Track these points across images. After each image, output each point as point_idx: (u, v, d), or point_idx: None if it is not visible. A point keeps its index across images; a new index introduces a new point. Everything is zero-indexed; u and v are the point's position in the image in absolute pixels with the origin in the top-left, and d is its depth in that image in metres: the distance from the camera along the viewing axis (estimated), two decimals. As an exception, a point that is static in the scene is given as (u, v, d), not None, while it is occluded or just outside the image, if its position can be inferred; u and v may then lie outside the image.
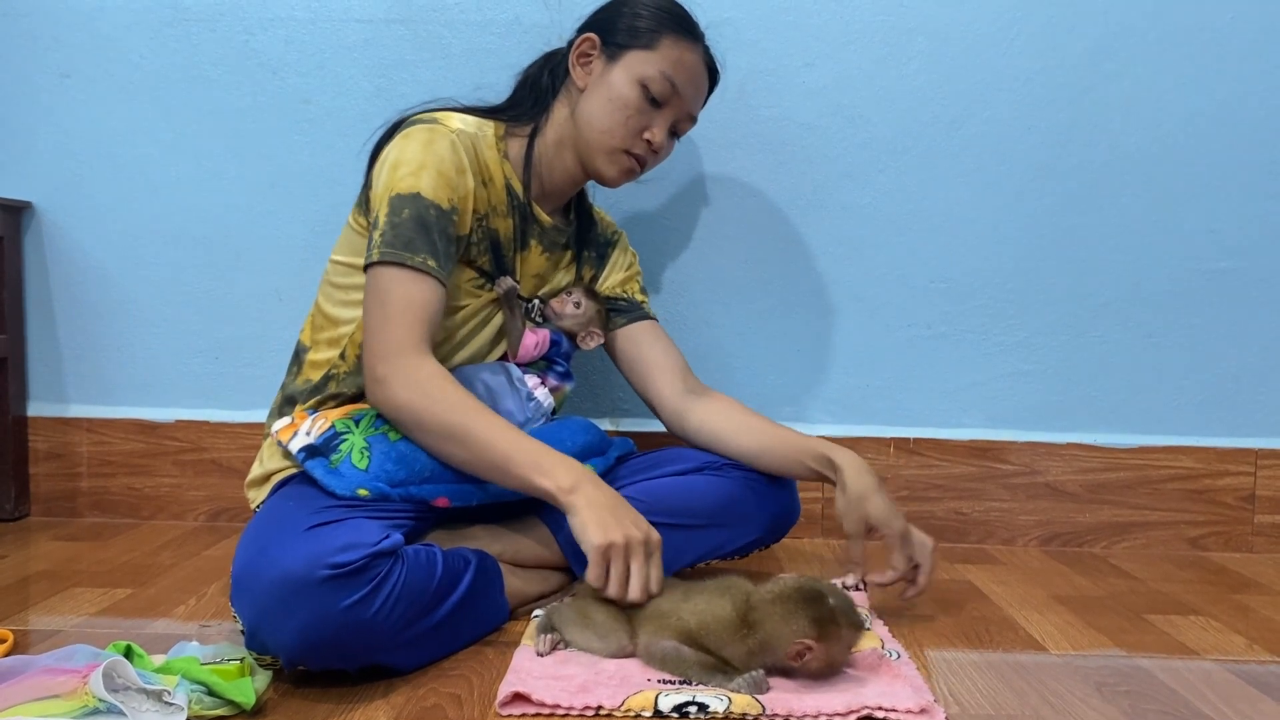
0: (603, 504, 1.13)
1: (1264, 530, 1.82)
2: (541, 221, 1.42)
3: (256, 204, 1.80)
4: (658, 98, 1.35)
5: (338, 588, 1.00)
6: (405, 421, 1.21)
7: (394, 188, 1.25)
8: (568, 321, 1.47)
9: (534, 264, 1.44)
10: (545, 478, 1.15)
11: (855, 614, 1.07)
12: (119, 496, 1.84)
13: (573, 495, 1.13)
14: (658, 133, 1.37)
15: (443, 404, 1.18)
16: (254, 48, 1.78)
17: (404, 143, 1.28)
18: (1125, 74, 1.77)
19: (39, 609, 1.32)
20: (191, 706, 0.93)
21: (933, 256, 1.80)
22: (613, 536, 1.11)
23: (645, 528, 1.14)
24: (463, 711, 1.01)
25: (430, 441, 1.21)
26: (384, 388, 1.20)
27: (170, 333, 1.83)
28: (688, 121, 1.42)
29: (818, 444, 1.39)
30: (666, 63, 1.35)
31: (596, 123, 1.36)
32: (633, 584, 1.12)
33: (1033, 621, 1.36)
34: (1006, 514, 1.83)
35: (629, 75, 1.35)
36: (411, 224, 1.23)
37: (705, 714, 1.00)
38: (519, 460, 1.16)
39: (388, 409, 1.22)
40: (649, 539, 1.14)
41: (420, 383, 1.19)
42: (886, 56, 1.77)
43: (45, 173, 1.80)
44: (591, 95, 1.37)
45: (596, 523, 1.11)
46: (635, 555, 1.12)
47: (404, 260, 1.22)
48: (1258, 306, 1.80)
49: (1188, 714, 1.05)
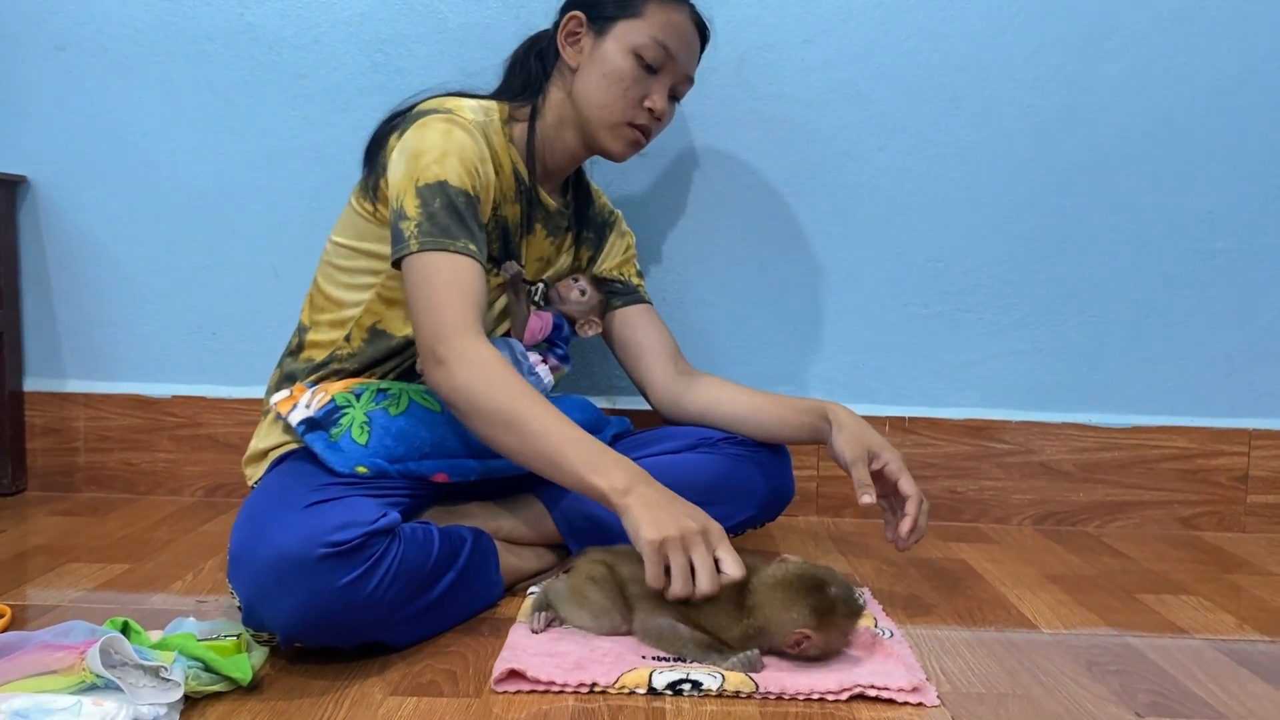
0: (657, 503, 1.08)
1: (1257, 510, 1.82)
2: (546, 205, 1.42)
3: (253, 179, 1.79)
4: (652, 64, 1.34)
5: (335, 566, 1.00)
6: (460, 405, 1.17)
7: (419, 178, 1.22)
8: (571, 307, 1.47)
9: (538, 248, 1.44)
10: (599, 477, 1.10)
11: (854, 602, 1.07)
12: (116, 472, 1.84)
13: (626, 497, 1.08)
14: (658, 99, 1.36)
15: (499, 389, 1.14)
16: (249, 22, 1.77)
17: (422, 132, 1.26)
18: (1124, 53, 1.76)
19: (36, 584, 1.32)
20: (188, 682, 0.94)
21: (930, 236, 1.80)
22: (667, 531, 1.05)
23: (702, 519, 1.09)
24: (458, 688, 1.02)
25: (483, 428, 1.16)
26: (444, 369, 1.16)
27: (167, 308, 1.82)
28: (685, 83, 1.40)
29: (809, 400, 1.42)
30: (655, 27, 1.33)
31: (595, 99, 1.35)
32: (699, 575, 1.05)
33: (1025, 600, 1.37)
34: (1001, 493, 1.83)
35: (620, 46, 1.33)
36: (445, 212, 1.21)
37: (699, 691, 1.01)
38: (571, 456, 1.12)
39: (445, 390, 1.17)
40: (707, 529, 1.08)
41: (478, 366, 1.15)
42: (885, 34, 1.76)
43: (40, 147, 1.79)
44: (586, 72, 1.36)
45: (650, 521, 1.06)
46: (694, 546, 1.06)
47: (445, 246, 1.20)
48: (1253, 288, 1.80)
49: (1177, 693, 1.06)
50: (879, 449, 1.31)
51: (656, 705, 0.99)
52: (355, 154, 1.74)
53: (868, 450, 1.30)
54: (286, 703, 0.97)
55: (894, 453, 1.31)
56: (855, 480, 1.27)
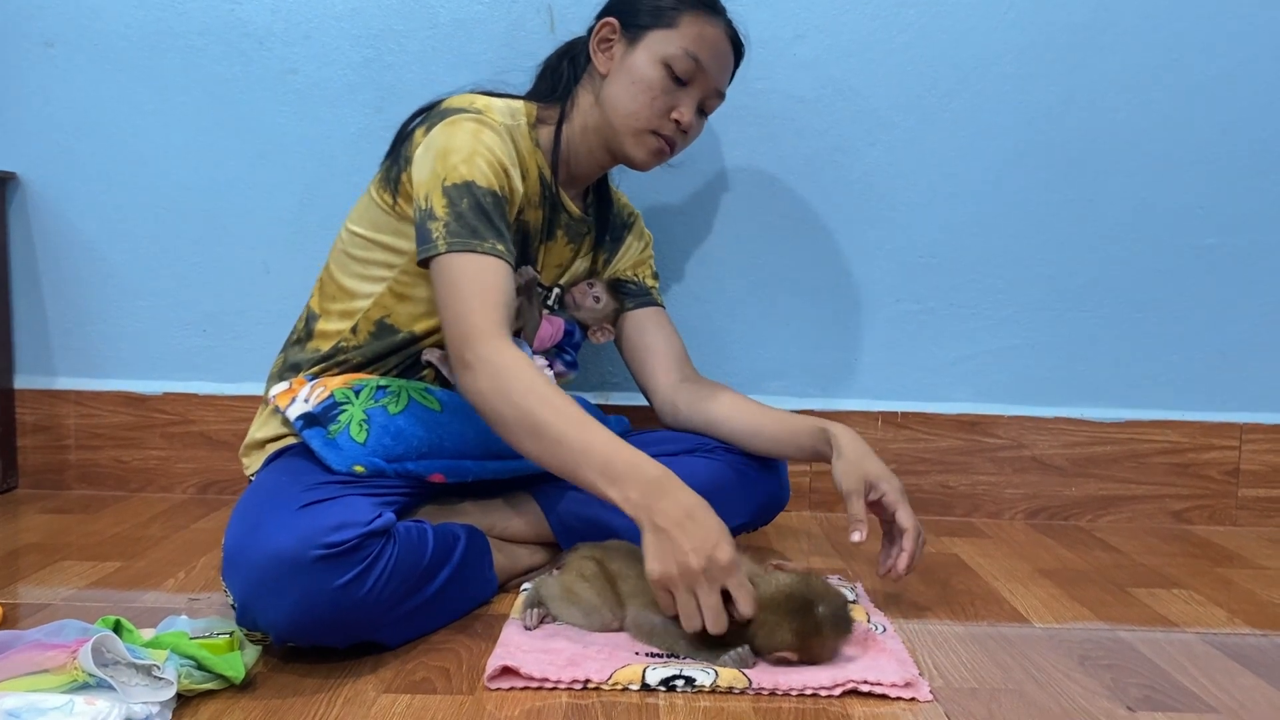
0: (669, 525, 1.04)
1: (1248, 504, 1.83)
2: (570, 211, 1.41)
3: (244, 175, 1.79)
4: (682, 76, 1.32)
5: (330, 567, 1.00)
6: (485, 411, 1.16)
7: (446, 177, 1.21)
8: (584, 313, 1.46)
9: (557, 254, 1.43)
10: (613, 488, 1.07)
11: (843, 619, 1.05)
12: (107, 469, 1.84)
13: (640, 513, 1.05)
14: (685, 112, 1.33)
15: (521, 395, 1.12)
16: (240, 17, 1.76)
17: (451, 130, 1.24)
18: (1117, 48, 1.76)
19: (28, 582, 1.32)
20: (181, 681, 0.93)
21: (922, 231, 1.80)
22: (669, 569, 1.03)
23: (709, 551, 1.02)
24: (451, 685, 1.02)
25: (507, 434, 1.15)
26: (470, 374, 1.15)
27: (158, 305, 1.82)
28: (715, 98, 1.38)
29: (811, 419, 1.39)
30: (688, 39, 1.31)
31: (621, 106, 1.33)
32: (706, 617, 1.03)
33: (1017, 594, 1.38)
34: (993, 487, 1.84)
35: (651, 56, 1.31)
36: (473, 213, 1.20)
37: (692, 688, 1.01)
38: (586, 464, 1.09)
39: (471, 395, 1.16)
40: (711, 565, 1.02)
41: (501, 370, 1.14)
42: (878, 29, 1.76)
43: (29, 143, 1.78)
44: (615, 79, 1.34)
45: (655, 552, 1.04)
46: (698, 585, 1.02)
47: (473, 247, 1.19)
48: (1245, 282, 1.81)
49: (1168, 686, 1.06)
50: (877, 479, 1.27)
51: (650, 701, 0.99)
52: (346, 148, 1.74)
53: (865, 481, 1.27)
54: (280, 701, 0.97)
55: (893, 482, 1.28)
56: (850, 515, 1.24)
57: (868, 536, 1.24)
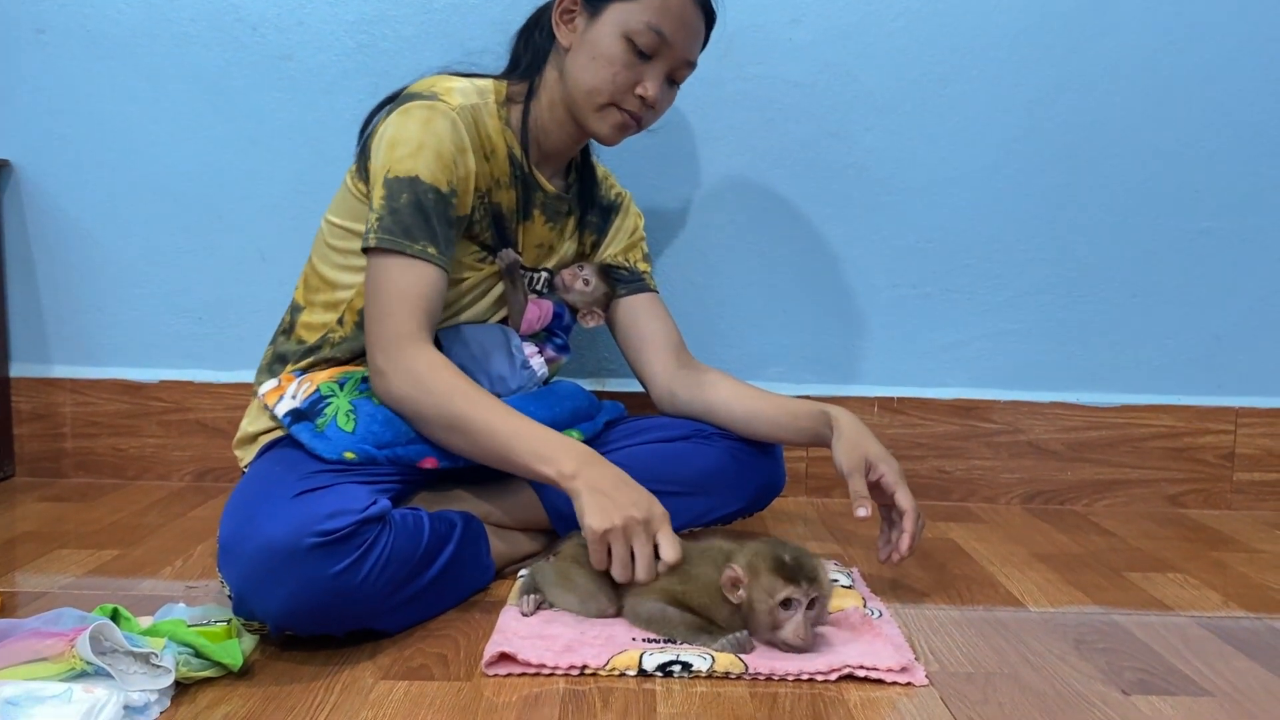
0: (604, 487, 1.12)
1: (1242, 488, 1.84)
2: (545, 189, 1.39)
3: (238, 163, 1.78)
4: (645, 50, 1.28)
5: (325, 555, 1.00)
6: (406, 413, 1.21)
7: (391, 169, 1.21)
8: (574, 296, 1.45)
9: (537, 234, 1.42)
10: (547, 465, 1.14)
11: (800, 568, 1.03)
12: (104, 457, 1.84)
13: (575, 481, 1.12)
14: (650, 86, 1.29)
15: (440, 395, 1.17)
16: (232, 3, 1.75)
17: (402, 119, 1.24)
18: (1112, 32, 1.76)
19: (26, 570, 1.32)
20: (179, 669, 0.94)
21: (919, 216, 1.80)
22: (611, 521, 1.09)
23: (646, 506, 1.12)
24: (449, 671, 1.02)
25: (432, 432, 1.20)
26: (383, 380, 1.20)
27: (153, 293, 1.81)
28: (685, 68, 1.33)
29: (810, 403, 1.39)
30: (651, 11, 1.26)
31: (583, 82, 1.30)
32: (638, 564, 1.10)
33: (1013, 579, 1.38)
34: (989, 472, 1.84)
35: (613, 29, 1.27)
36: (409, 210, 1.20)
37: (689, 673, 1.02)
38: (519, 448, 1.15)
39: (388, 401, 1.21)
40: (650, 517, 1.11)
41: (417, 374, 1.18)
42: (874, 13, 1.76)
43: (22, 130, 1.78)
44: (576, 53, 1.31)
45: (596, 508, 1.10)
46: (636, 537, 1.10)
47: (403, 248, 1.19)
48: (1240, 267, 1.81)
49: (1163, 669, 1.07)
50: (876, 459, 1.28)
51: (647, 687, 1.00)
52: (340, 135, 1.73)
53: (865, 460, 1.27)
54: (278, 688, 0.98)
55: (892, 464, 1.28)
56: (852, 492, 1.25)
57: (870, 516, 1.23)
